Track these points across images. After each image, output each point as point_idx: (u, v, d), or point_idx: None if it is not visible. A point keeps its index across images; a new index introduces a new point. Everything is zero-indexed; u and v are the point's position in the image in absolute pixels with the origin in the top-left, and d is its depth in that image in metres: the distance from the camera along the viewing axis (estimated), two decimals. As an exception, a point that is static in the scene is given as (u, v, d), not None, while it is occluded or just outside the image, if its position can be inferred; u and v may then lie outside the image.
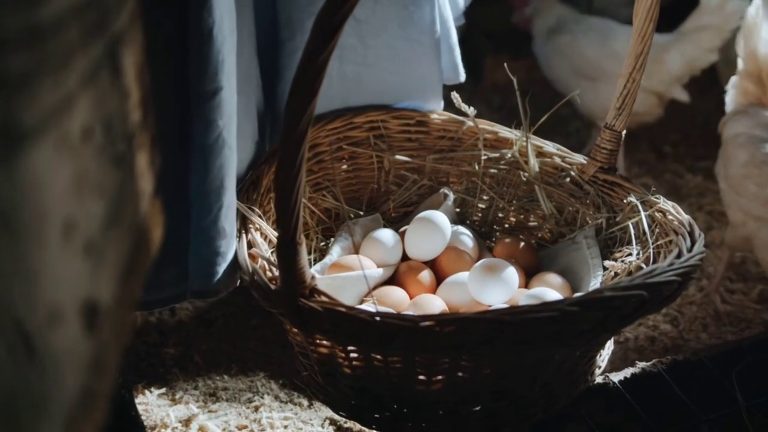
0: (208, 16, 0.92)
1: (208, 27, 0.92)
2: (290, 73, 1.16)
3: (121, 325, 0.50)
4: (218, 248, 0.99)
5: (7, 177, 0.36)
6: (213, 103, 0.95)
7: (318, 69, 0.75)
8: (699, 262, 0.91)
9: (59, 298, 0.41)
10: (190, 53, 0.94)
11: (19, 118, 0.37)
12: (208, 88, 0.94)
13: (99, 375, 0.45)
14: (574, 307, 0.80)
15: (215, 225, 0.98)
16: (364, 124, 1.25)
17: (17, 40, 0.36)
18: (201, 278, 1.00)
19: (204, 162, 0.97)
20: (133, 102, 0.52)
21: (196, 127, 0.96)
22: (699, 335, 1.40)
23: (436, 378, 0.91)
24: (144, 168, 0.55)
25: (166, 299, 1.05)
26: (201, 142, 0.96)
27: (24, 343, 0.38)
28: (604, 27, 1.83)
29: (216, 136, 0.96)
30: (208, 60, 0.93)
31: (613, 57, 1.72)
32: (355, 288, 1.07)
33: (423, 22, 1.21)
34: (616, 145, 1.16)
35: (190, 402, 1.22)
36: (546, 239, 1.24)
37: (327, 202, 1.22)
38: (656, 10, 1.05)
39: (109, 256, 0.47)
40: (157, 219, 0.58)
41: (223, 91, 0.95)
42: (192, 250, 1.00)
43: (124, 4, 0.49)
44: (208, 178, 0.97)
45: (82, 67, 0.43)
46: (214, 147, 0.96)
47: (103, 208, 0.46)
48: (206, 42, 0.93)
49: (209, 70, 0.94)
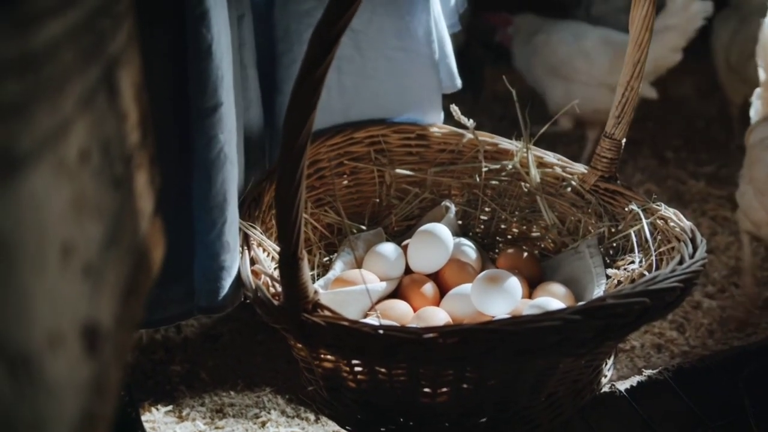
0: (206, 32, 0.92)
1: (207, 43, 0.93)
2: (288, 85, 1.17)
3: (121, 346, 0.50)
4: (223, 262, 1.00)
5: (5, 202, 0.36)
6: (213, 118, 0.96)
7: (316, 82, 0.76)
8: (701, 267, 0.90)
9: (59, 321, 0.41)
10: (189, 70, 0.94)
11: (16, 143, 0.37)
12: (208, 104, 0.95)
13: (100, 397, 0.45)
14: (576, 316, 0.80)
15: (219, 239, 0.99)
16: (365, 139, 1.26)
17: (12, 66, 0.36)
18: (207, 294, 1.01)
19: (207, 177, 0.97)
20: (131, 123, 0.52)
21: (197, 143, 0.96)
22: (705, 341, 1.40)
23: (440, 390, 0.91)
24: (143, 188, 0.55)
25: (174, 317, 1.06)
26: (203, 158, 0.97)
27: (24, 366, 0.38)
28: (577, 28, 1.89)
29: (217, 151, 0.97)
30: (208, 76, 0.94)
31: (584, 55, 1.79)
32: (359, 302, 1.07)
33: (419, 32, 1.22)
34: (617, 153, 1.16)
35: (197, 419, 1.22)
36: (549, 249, 1.25)
37: (329, 218, 1.23)
38: (652, 18, 1.06)
39: (108, 278, 0.48)
40: (158, 238, 0.58)
41: (223, 106, 0.96)
42: (197, 266, 1.00)
43: (121, 26, 0.50)
44: (211, 194, 0.97)
45: (79, 90, 0.43)
46: (216, 162, 0.97)
47: (102, 229, 0.47)
48: (205, 58, 0.93)
49: (209, 86, 0.94)
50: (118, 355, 0.49)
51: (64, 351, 0.41)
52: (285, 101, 1.17)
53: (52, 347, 0.40)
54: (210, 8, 0.92)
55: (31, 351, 0.38)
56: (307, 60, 0.76)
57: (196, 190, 0.98)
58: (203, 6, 0.92)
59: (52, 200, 0.40)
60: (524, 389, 0.93)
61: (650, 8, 1.06)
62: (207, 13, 0.92)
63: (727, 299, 1.49)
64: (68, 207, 0.42)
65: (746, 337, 1.41)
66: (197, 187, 0.98)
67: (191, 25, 0.92)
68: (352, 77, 1.22)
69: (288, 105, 0.78)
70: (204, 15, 0.92)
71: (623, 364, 1.32)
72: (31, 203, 0.38)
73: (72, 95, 0.42)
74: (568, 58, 1.83)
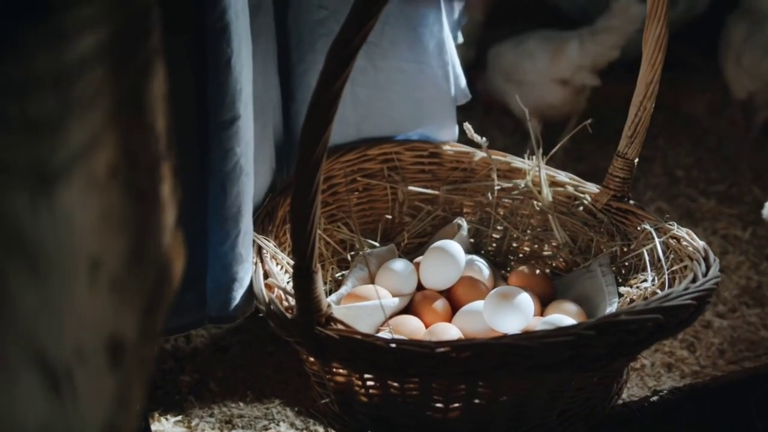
0: (226, 47, 0.93)
1: (227, 57, 0.94)
2: (302, 93, 1.18)
3: (144, 359, 0.51)
4: (235, 274, 1.00)
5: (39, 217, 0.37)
6: (230, 131, 0.96)
7: (333, 96, 0.77)
8: (714, 286, 0.91)
9: (87, 335, 0.41)
10: (208, 82, 0.95)
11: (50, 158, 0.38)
12: (226, 117, 0.96)
13: (123, 410, 0.46)
14: (590, 331, 0.80)
15: (233, 251, 1.00)
16: (378, 156, 1.27)
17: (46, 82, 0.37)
18: (218, 304, 1.02)
19: (222, 189, 0.98)
20: (155, 135, 0.53)
21: (214, 155, 0.97)
22: (716, 361, 1.39)
23: (452, 405, 0.91)
24: (166, 200, 0.56)
25: (184, 326, 1.07)
26: (219, 170, 0.98)
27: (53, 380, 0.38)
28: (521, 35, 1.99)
29: (233, 163, 0.98)
30: (226, 89, 0.95)
31: (528, 56, 1.89)
32: (371, 317, 1.08)
33: (431, 44, 1.23)
34: (629, 173, 1.17)
35: (206, 429, 1.23)
36: (560, 268, 1.25)
37: (342, 234, 1.23)
38: (665, 39, 1.07)
39: (133, 291, 0.48)
40: (179, 251, 0.59)
41: (240, 119, 0.97)
42: (209, 276, 1.01)
43: (147, 40, 0.51)
44: (225, 205, 0.98)
45: (108, 105, 0.44)
46: (232, 174, 0.98)
47: (128, 243, 0.47)
48: (224, 71, 0.94)
49: (227, 99, 0.95)
50: (141, 368, 0.49)
51: (91, 365, 0.42)
52: (299, 109, 1.19)
53: (81, 361, 0.40)
54: (231, 21, 0.93)
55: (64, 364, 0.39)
56: (324, 74, 0.77)
57: (211, 202, 0.99)
58: (224, 19, 0.92)
59: (82, 214, 0.41)
60: (537, 406, 0.93)
61: (663, 29, 1.06)
62: (228, 26, 0.93)
63: (738, 319, 1.49)
64: (97, 221, 0.43)
65: (757, 358, 1.40)
66: (212, 198, 0.99)
67: (212, 38, 0.93)
68: (365, 89, 1.23)
69: (305, 119, 0.79)
70: (225, 28, 0.93)
71: (633, 383, 1.32)
72: (63, 218, 0.39)
73: (102, 109, 0.43)
74: (515, 62, 1.93)
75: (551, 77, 1.89)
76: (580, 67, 1.88)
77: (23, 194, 0.36)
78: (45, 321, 0.38)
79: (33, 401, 0.37)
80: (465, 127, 1.24)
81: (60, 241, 0.39)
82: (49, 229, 0.38)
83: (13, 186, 0.36)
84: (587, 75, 1.90)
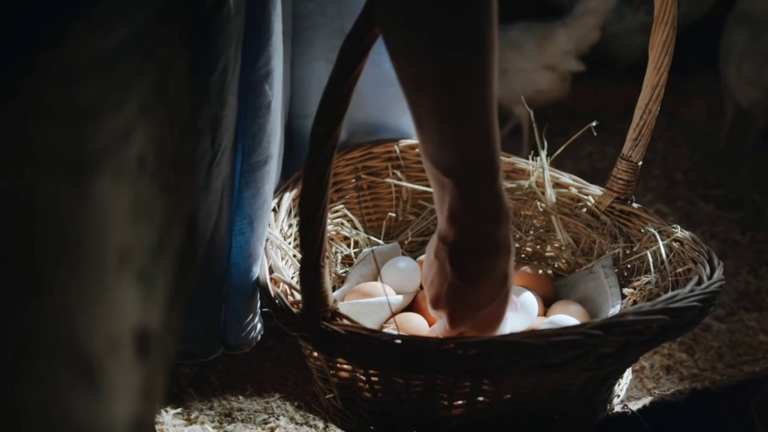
0: (269, 90, 0.95)
1: (268, 100, 0.95)
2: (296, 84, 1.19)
3: (167, 353, 0.51)
4: (255, 305, 1.04)
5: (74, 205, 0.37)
6: (263, 171, 0.99)
7: (344, 94, 0.77)
8: (719, 289, 0.91)
9: (117, 326, 0.41)
10: (245, 123, 0.96)
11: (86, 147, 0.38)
12: (261, 158, 0.98)
13: (148, 403, 0.46)
14: (596, 331, 0.81)
15: (251, 281, 1.02)
16: (383, 154, 1.27)
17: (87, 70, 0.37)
18: (236, 333, 1.05)
19: (250, 226, 1.00)
20: (178, 128, 0.53)
21: (245, 193, 0.99)
22: (715, 364, 1.40)
23: (456, 403, 0.91)
24: (185, 194, 0.56)
25: (198, 353, 1.09)
26: (248, 207, 1.00)
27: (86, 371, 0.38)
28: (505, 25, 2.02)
29: (263, 201, 1.00)
30: (264, 131, 0.96)
31: (512, 45, 1.95)
32: (375, 314, 1.08)
33: None
34: (633, 175, 1.17)
35: (206, 422, 1.23)
36: (563, 269, 1.25)
37: (346, 231, 1.24)
38: (672, 42, 1.07)
39: (158, 284, 0.48)
40: (196, 246, 0.59)
41: (272, 159, 0.99)
42: (229, 308, 1.03)
43: (174, 30, 0.51)
44: (252, 240, 1.00)
45: (139, 95, 0.44)
46: (260, 212, 1.00)
47: (154, 235, 0.47)
48: (264, 114, 0.96)
49: (264, 141, 0.97)
50: (164, 361, 0.49)
51: (121, 357, 0.42)
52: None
53: (110, 353, 0.40)
54: (275, 67, 0.95)
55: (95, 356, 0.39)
56: (335, 71, 0.77)
57: (236, 237, 1.01)
58: (270, 65, 0.94)
59: (114, 205, 0.41)
60: (540, 405, 0.94)
61: (670, 32, 1.07)
62: (272, 72, 0.94)
63: (736, 323, 1.49)
64: (127, 211, 0.43)
65: (756, 362, 1.41)
66: (238, 233, 1.01)
67: (255, 82, 0.94)
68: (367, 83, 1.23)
69: (315, 116, 0.79)
70: (269, 74, 0.94)
71: (632, 385, 1.32)
72: (96, 207, 0.39)
73: (134, 99, 0.43)
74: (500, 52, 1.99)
75: (540, 64, 1.95)
76: (567, 52, 1.95)
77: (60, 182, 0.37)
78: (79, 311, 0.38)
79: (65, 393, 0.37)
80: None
81: (94, 231, 0.39)
82: (84, 219, 0.38)
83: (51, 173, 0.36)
84: (573, 61, 1.97)
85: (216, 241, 1.00)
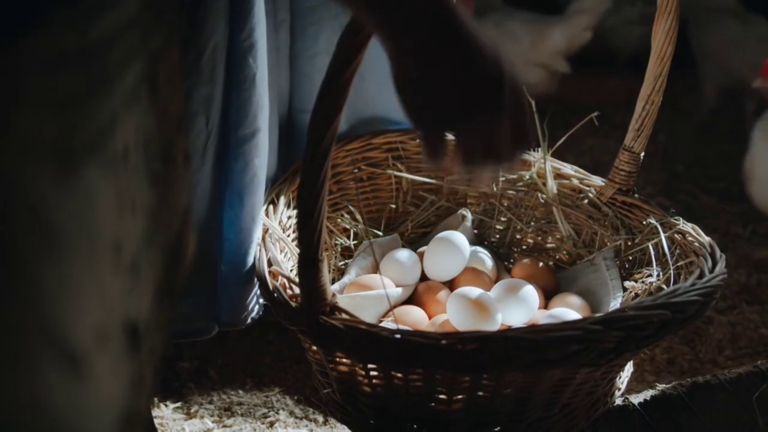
0: (253, 63, 0.95)
1: (252, 73, 0.96)
2: None
3: (156, 345, 0.50)
4: (248, 281, 1.03)
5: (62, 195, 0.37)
6: (251, 144, 0.99)
7: (342, 87, 0.76)
8: (721, 282, 0.90)
9: (106, 318, 0.41)
10: (231, 96, 0.97)
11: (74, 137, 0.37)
12: (248, 131, 0.98)
13: (139, 395, 0.45)
14: (597, 326, 0.80)
15: (245, 259, 1.02)
16: (383, 145, 1.26)
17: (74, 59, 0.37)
18: (230, 310, 1.05)
19: (240, 200, 1.01)
20: (168, 120, 0.52)
21: (233, 167, 1.00)
22: (716, 357, 1.39)
23: (456, 397, 0.90)
24: (178, 186, 0.55)
25: (194, 331, 1.09)
26: (238, 181, 1.00)
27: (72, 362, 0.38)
28: (504, 14, 2.04)
29: (252, 175, 1.01)
30: (250, 104, 0.97)
31: (511, 35, 1.95)
32: (374, 307, 1.07)
33: None
34: (635, 167, 1.16)
35: (205, 416, 1.22)
36: (564, 261, 1.24)
37: (345, 222, 1.23)
38: (675, 32, 1.06)
39: (148, 276, 0.48)
40: (189, 238, 0.58)
41: (260, 132, 0.99)
42: (222, 283, 1.04)
43: (163, 22, 0.50)
44: (242, 215, 1.01)
45: (125, 86, 0.44)
46: (250, 185, 1.01)
47: (142, 227, 0.47)
48: (249, 87, 0.96)
49: (250, 113, 0.98)
50: (153, 353, 0.49)
51: (109, 349, 0.41)
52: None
53: (99, 344, 0.40)
54: (258, 39, 0.95)
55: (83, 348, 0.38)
56: (333, 64, 0.76)
57: (227, 212, 1.01)
58: (253, 38, 0.95)
59: (101, 195, 0.40)
60: (540, 399, 0.93)
61: (673, 22, 1.05)
62: (255, 44, 0.95)
63: (738, 316, 1.49)
64: (114, 203, 0.42)
65: (757, 354, 1.41)
66: (228, 208, 1.01)
67: (238, 55, 0.95)
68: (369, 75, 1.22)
69: (313, 109, 0.78)
70: (252, 46, 0.95)
71: (633, 378, 1.32)
72: (85, 197, 0.38)
73: (120, 90, 0.43)
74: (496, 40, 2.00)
75: (533, 61, 1.96)
76: (558, 52, 1.96)
77: (48, 171, 0.36)
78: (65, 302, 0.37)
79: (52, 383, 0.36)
80: (471, 118, 1.23)
81: (82, 221, 0.38)
82: (71, 208, 0.37)
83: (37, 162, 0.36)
84: (561, 61, 1.98)
85: (208, 218, 1.01)
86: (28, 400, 0.35)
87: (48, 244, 0.37)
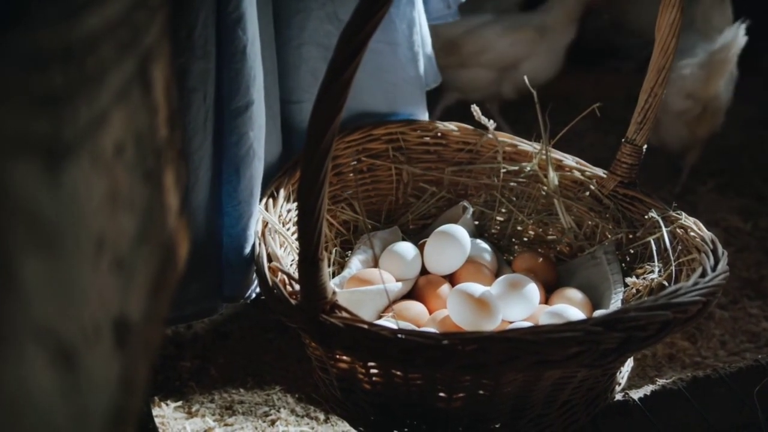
0: (242, 34, 0.95)
1: (243, 45, 0.96)
2: None
3: (148, 342, 0.50)
4: (249, 254, 1.04)
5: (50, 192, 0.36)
6: (245, 116, 0.99)
7: (343, 85, 0.75)
8: (723, 281, 0.89)
9: (93, 314, 0.40)
10: (223, 69, 0.97)
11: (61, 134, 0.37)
12: (241, 103, 0.98)
13: (129, 392, 0.45)
14: (598, 327, 0.79)
15: (245, 232, 1.03)
16: (383, 136, 1.25)
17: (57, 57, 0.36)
18: (232, 284, 1.06)
19: (236, 173, 1.01)
20: (161, 117, 0.52)
21: (228, 140, 1.00)
22: (717, 352, 1.39)
23: (456, 395, 0.90)
24: (171, 184, 0.55)
25: (200, 312, 1.09)
26: (234, 154, 1.01)
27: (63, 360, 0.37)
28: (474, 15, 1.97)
29: (247, 148, 1.01)
30: (242, 76, 0.97)
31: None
32: (375, 302, 1.06)
33: (403, 24, 1.20)
34: (637, 159, 1.15)
35: (207, 415, 1.22)
36: (564, 253, 1.24)
37: (345, 215, 1.22)
38: (679, 25, 1.05)
39: (138, 273, 0.47)
40: (183, 235, 0.58)
41: (254, 104, 0.99)
42: (224, 258, 1.05)
43: (155, 20, 0.49)
44: (239, 188, 1.02)
45: (116, 83, 0.43)
46: (246, 158, 1.01)
47: (134, 224, 0.46)
48: (240, 59, 0.96)
49: (242, 85, 0.98)
50: (145, 350, 0.48)
51: (97, 345, 0.41)
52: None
53: (88, 341, 0.39)
54: (246, 10, 0.95)
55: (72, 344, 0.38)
56: (334, 62, 0.74)
57: (225, 185, 1.02)
58: (241, 9, 0.95)
59: (90, 192, 0.40)
60: (540, 397, 0.92)
61: (677, 15, 1.04)
62: (244, 15, 0.95)
63: (739, 310, 1.48)
64: (104, 199, 0.42)
65: (758, 349, 1.40)
66: (226, 182, 1.02)
67: (227, 27, 0.95)
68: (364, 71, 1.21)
69: (313, 107, 0.77)
70: (241, 18, 0.95)
71: (634, 373, 1.31)
72: (72, 194, 0.38)
73: (109, 87, 0.42)
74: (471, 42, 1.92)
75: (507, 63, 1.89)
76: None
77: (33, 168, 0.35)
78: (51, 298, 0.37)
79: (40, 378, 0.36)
80: (472, 109, 1.22)
81: (68, 218, 0.38)
82: (57, 205, 0.37)
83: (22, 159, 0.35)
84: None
85: (211, 195, 1.02)
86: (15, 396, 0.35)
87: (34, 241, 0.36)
